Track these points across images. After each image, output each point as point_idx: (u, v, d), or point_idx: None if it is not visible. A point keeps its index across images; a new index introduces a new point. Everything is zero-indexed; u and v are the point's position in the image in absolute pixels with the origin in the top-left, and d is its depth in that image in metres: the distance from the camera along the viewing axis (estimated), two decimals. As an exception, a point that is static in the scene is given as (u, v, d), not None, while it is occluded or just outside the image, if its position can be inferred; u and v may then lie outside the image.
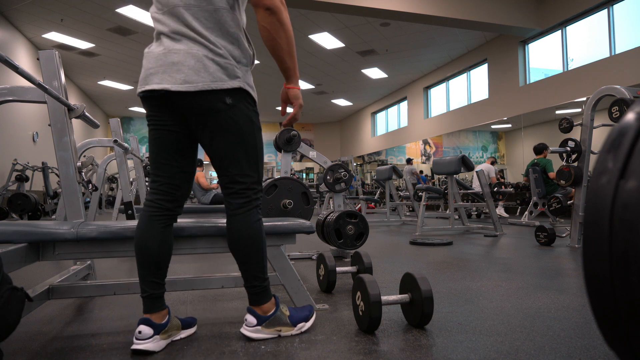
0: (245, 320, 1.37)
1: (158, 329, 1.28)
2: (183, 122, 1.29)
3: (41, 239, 1.35)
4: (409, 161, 11.17)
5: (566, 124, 3.98)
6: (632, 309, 0.45)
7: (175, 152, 1.32)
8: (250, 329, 1.36)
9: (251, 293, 1.36)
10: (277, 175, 6.19)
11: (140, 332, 1.25)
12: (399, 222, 6.71)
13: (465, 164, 4.81)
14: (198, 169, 5.34)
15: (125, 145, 2.88)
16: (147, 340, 1.25)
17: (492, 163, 8.22)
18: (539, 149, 6.26)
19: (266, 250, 1.38)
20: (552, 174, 5.84)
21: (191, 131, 1.31)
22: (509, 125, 10.72)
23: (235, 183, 1.31)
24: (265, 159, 18.61)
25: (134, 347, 1.24)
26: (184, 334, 1.40)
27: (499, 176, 10.30)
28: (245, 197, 1.32)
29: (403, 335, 1.40)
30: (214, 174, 18.95)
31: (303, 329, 1.43)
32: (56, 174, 7.97)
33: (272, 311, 1.38)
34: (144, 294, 1.31)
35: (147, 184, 4.77)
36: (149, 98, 1.27)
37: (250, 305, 1.37)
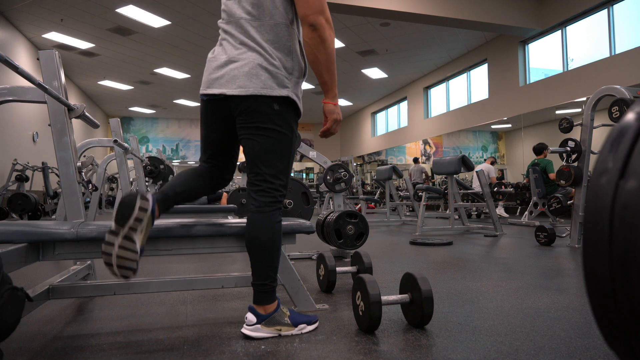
0: (246, 318, 1.38)
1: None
2: (229, 123, 1.40)
3: (41, 239, 1.35)
4: (416, 160, 11.07)
5: (566, 124, 3.98)
6: (632, 309, 0.45)
7: (221, 149, 1.47)
8: (250, 327, 1.38)
9: (258, 291, 1.38)
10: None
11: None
12: (399, 222, 6.71)
13: (465, 164, 4.81)
14: None
15: (125, 145, 2.88)
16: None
17: (492, 163, 8.21)
18: (539, 149, 6.26)
19: (280, 252, 1.42)
20: (552, 175, 5.84)
21: (234, 132, 1.41)
22: (509, 125, 10.72)
23: (265, 182, 1.37)
24: (265, 159, 18.61)
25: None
26: None
27: (498, 176, 10.31)
28: (272, 197, 1.38)
29: (403, 335, 1.40)
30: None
31: (304, 331, 1.43)
32: (56, 174, 7.96)
33: (272, 310, 1.40)
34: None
35: (146, 184, 4.77)
36: (209, 100, 1.39)
37: (253, 303, 1.39)
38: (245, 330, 1.38)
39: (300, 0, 1.29)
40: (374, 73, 12.07)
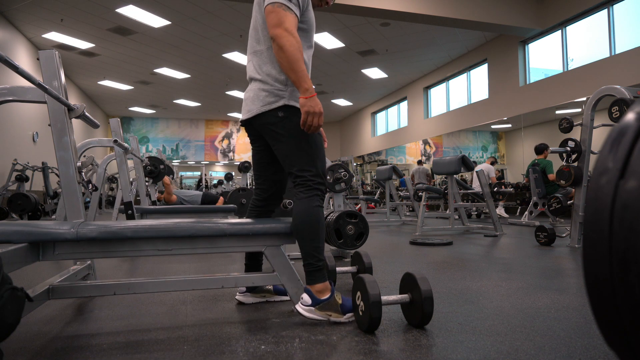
0: (302, 298, 1.54)
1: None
2: (263, 142, 1.72)
3: (41, 239, 1.35)
4: (420, 162, 11.00)
5: (566, 124, 3.97)
6: (632, 309, 0.45)
7: (261, 164, 1.78)
8: (305, 307, 1.53)
9: (306, 271, 1.56)
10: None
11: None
12: (399, 222, 6.71)
13: (465, 164, 4.81)
14: (167, 177, 5.36)
15: (125, 145, 2.88)
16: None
17: (492, 163, 8.20)
18: (540, 149, 6.26)
19: (323, 234, 1.59)
20: (551, 176, 5.84)
21: (267, 148, 1.72)
22: (509, 125, 10.72)
23: (297, 177, 1.59)
24: (265, 159, 18.58)
25: (237, 297, 1.80)
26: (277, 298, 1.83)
27: (497, 175, 10.31)
28: (307, 186, 1.58)
29: (403, 335, 1.40)
30: (189, 181, 18.94)
31: (352, 319, 1.54)
32: (56, 174, 7.97)
33: (327, 296, 1.54)
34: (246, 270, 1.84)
35: (146, 184, 4.77)
36: (244, 126, 1.74)
37: (306, 284, 1.56)
38: (300, 308, 1.53)
39: (267, 21, 1.53)
40: (374, 73, 12.07)
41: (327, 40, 9.52)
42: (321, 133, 1.71)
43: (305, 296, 1.54)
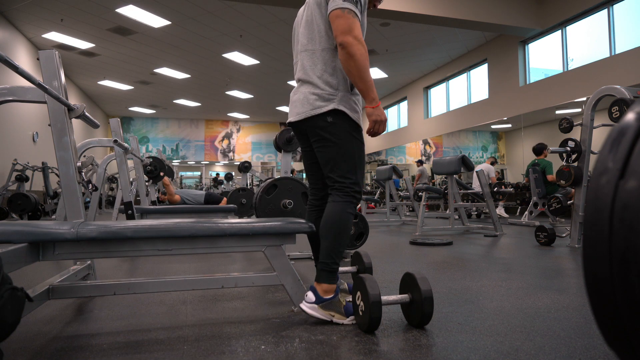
0: (306, 296, 1.56)
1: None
2: (310, 144, 1.73)
3: (41, 239, 1.35)
4: (421, 162, 10.93)
5: (566, 124, 3.97)
6: (632, 309, 0.45)
7: (312, 165, 1.80)
8: (309, 305, 1.54)
9: (320, 269, 1.58)
10: (277, 175, 6.19)
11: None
12: (399, 222, 6.71)
13: (465, 164, 4.81)
14: (166, 178, 5.39)
15: (125, 145, 2.88)
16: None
17: (492, 163, 8.18)
18: (539, 150, 6.25)
19: (347, 240, 1.60)
20: (550, 177, 5.83)
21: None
22: (509, 125, 10.72)
23: (336, 182, 1.61)
24: (265, 159, 18.64)
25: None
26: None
27: (497, 176, 10.31)
28: (344, 192, 1.61)
29: (403, 335, 1.40)
30: (188, 181, 18.91)
31: (354, 322, 1.54)
32: (56, 174, 7.97)
33: (331, 296, 1.56)
34: (316, 265, 1.72)
35: (146, 184, 4.77)
36: (292, 127, 1.76)
37: (315, 281, 1.58)
38: (304, 306, 1.54)
39: (332, 25, 1.52)
40: (374, 73, 12.07)
41: (327, 40, 9.51)
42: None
43: (309, 293, 1.56)
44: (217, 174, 12.87)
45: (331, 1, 1.52)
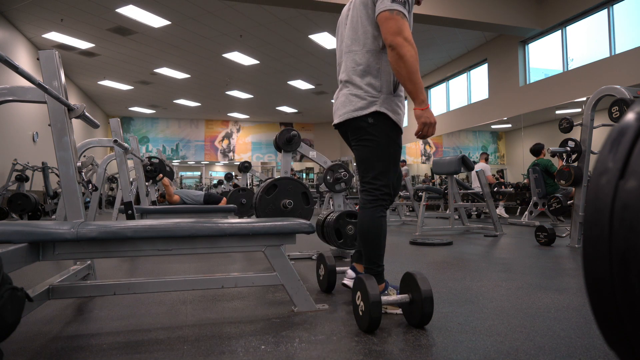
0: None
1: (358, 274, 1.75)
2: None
3: (41, 239, 1.35)
4: (404, 162, 10.88)
5: (566, 124, 3.97)
6: (632, 309, 0.45)
7: None
8: None
9: (367, 274, 1.60)
10: (277, 175, 6.19)
11: (347, 273, 1.83)
12: (399, 222, 6.71)
13: (465, 164, 4.81)
14: (166, 179, 5.40)
15: (125, 145, 2.88)
16: (351, 280, 1.77)
17: (486, 160, 8.05)
18: (537, 150, 6.21)
19: (384, 242, 1.64)
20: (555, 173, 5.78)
21: None
22: (509, 125, 10.72)
23: (368, 184, 1.64)
24: (265, 159, 18.64)
25: (343, 282, 1.84)
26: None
27: (498, 176, 10.29)
28: (374, 195, 1.63)
29: (403, 335, 1.40)
30: (188, 181, 18.88)
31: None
32: (56, 174, 7.96)
33: (381, 290, 1.60)
34: (356, 249, 1.85)
35: (146, 184, 4.77)
36: (337, 129, 1.78)
37: None
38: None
39: (381, 27, 1.52)
40: (374, 73, 12.05)
41: (327, 40, 9.52)
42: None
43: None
44: (220, 181, 12.82)
45: (379, 2, 1.52)
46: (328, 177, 3.14)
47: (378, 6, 1.52)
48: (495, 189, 6.49)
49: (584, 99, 7.63)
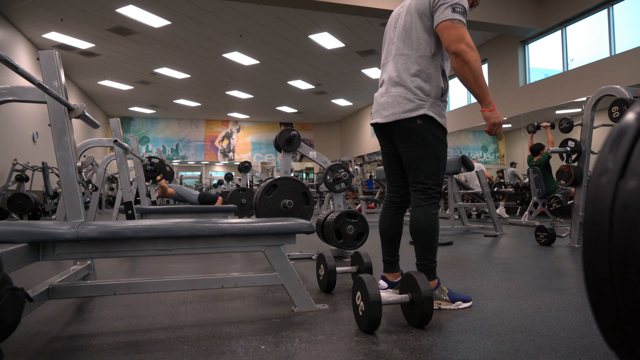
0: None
1: (391, 284, 1.86)
2: (393, 144, 1.80)
3: (41, 239, 1.35)
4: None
5: (566, 124, 3.97)
6: (632, 309, 0.45)
7: (393, 164, 1.86)
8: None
9: (419, 270, 1.68)
10: (277, 175, 6.19)
11: (379, 284, 1.85)
12: (399, 222, 6.69)
13: (465, 164, 4.81)
14: (164, 181, 5.50)
15: (125, 145, 2.88)
16: (384, 290, 1.83)
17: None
18: (537, 150, 6.20)
19: (437, 238, 1.69)
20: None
21: (397, 149, 1.78)
22: (509, 125, 10.72)
23: (420, 183, 1.69)
24: (265, 159, 18.64)
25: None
26: None
27: (498, 177, 10.29)
28: (426, 194, 1.69)
29: (403, 335, 1.40)
30: (188, 181, 18.87)
31: (460, 307, 1.69)
32: (56, 174, 7.96)
33: (434, 287, 1.68)
34: (383, 259, 1.92)
35: (147, 184, 4.77)
36: (375, 127, 1.84)
37: None
38: None
39: (443, 35, 1.58)
40: (374, 73, 12.07)
41: (327, 40, 9.52)
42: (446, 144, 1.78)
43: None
44: (220, 181, 12.80)
45: (439, 12, 1.58)
46: (328, 177, 3.14)
47: (439, 16, 1.58)
48: (495, 189, 6.48)
49: (584, 99, 7.62)
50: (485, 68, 10.40)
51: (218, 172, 18.89)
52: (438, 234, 1.69)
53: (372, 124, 1.83)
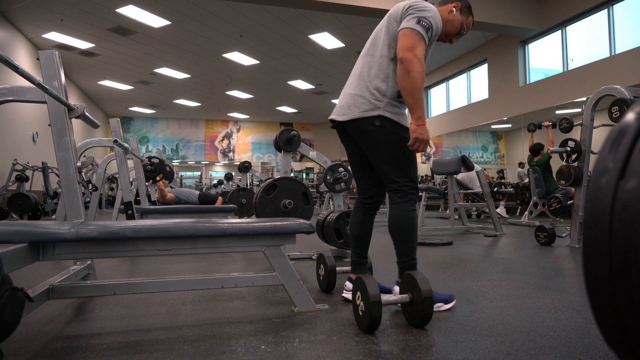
0: (393, 290, 1.68)
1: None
2: (354, 144, 1.80)
3: (41, 239, 1.35)
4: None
5: (566, 124, 3.97)
6: (632, 309, 0.45)
7: (358, 167, 1.86)
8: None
9: (400, 268, 1.67)
10: (277, 175, 6.19)
11: (346, 285, 1.86)
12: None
13: (465, 164, 4.81)
14: (162, 183, 5.51)
15: (125, 145, 2.88)
16: (348, 292, 1.83)
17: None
18: (537, 150, 6.20)
19: (416, 235, 1.69)
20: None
21: (361, 151, 1.80)
22: (509, 125, 10.73)
23: (393, 182, 1.69)
24: (265, 159, 18.63)
25: (343, 295, 1.87)
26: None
27: (498, 177, 10.28)
28: (402, 192, 1.68)
29: (403, 335, 1.40)
30: (188, 181, 18.88)
31: (441, 308, 1.67)
32: (56, 174, 7.96)
33: None
34: (351, 259, 1.87)
35: (147, 184, 4.77)
36: (337, 129, 1.83)
37: (398, 278, 1.66)
38: (392, 298, 1.57)
39: (399, 41, 1.59)
40: (374, 73, 12.06)
41: (327, 40, 9.52)
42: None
43: (396, 288, 1.67)
44: (220, 181, 12.79)
45: (405, 21, 1.60)
46: (328, 177, 3.14)
47: (403, 24, 1.60)
48: (495, 189, 6.48)
49: (584, 99, 7.62)
50: (485, 68, 10.41)
51: (218, 172, 18.88)
52: (416, 230, 1.69)
53: (331, 120, 1.82)
